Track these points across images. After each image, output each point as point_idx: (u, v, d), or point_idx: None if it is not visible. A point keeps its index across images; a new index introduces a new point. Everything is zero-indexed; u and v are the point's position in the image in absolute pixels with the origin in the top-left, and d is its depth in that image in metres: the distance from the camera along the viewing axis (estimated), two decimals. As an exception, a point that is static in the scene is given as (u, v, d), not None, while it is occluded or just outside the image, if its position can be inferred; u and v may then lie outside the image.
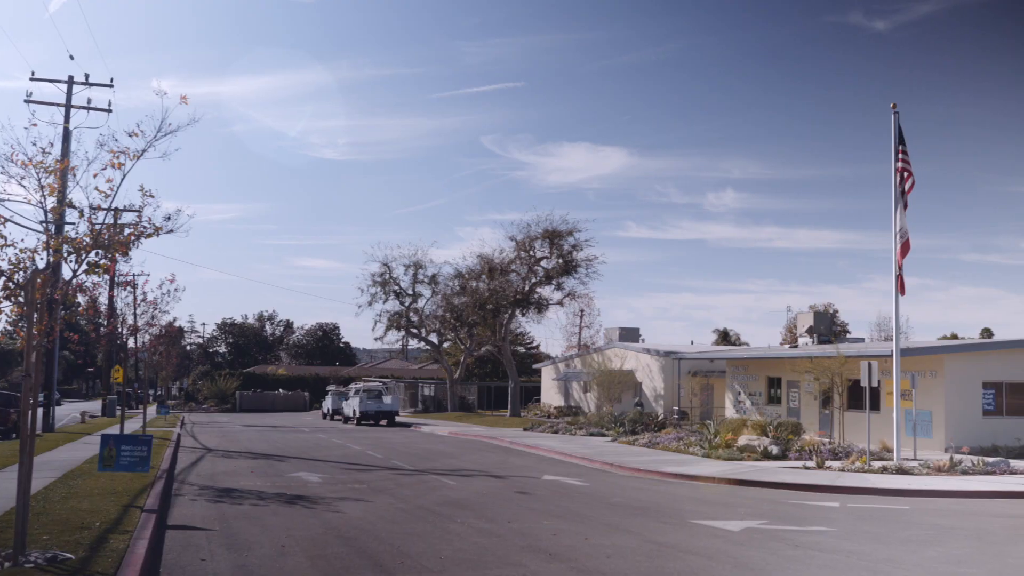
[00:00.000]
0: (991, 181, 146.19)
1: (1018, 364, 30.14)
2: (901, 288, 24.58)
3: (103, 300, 29.67)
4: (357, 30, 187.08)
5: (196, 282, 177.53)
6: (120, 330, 32.45)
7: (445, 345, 66.59)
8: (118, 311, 32.36)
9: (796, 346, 43.31)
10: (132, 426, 35.88)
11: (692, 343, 70.99)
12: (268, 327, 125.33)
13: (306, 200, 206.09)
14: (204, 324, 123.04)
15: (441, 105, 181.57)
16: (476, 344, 63.01)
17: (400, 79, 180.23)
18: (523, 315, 57.88)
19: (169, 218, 12.52)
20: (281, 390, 75.93)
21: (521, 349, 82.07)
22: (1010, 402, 29.89)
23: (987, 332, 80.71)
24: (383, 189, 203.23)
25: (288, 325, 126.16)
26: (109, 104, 34.34)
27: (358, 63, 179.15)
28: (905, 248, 24.31)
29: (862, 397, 26.37)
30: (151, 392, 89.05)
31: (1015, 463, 23.70)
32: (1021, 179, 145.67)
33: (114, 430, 27.96)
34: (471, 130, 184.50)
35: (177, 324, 70.45)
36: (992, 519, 15.39)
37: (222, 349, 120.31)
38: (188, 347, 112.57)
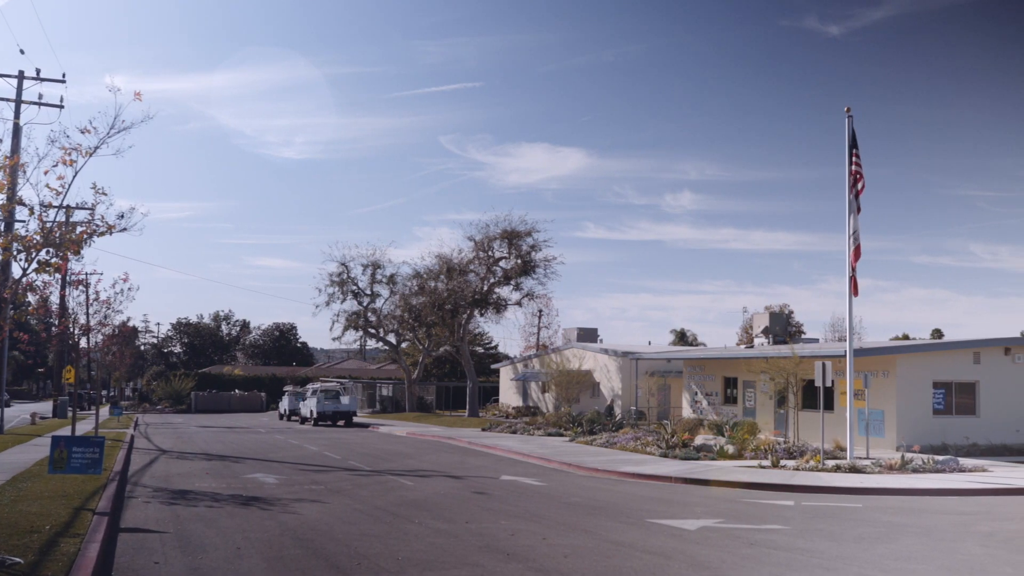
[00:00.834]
0: (942, 184, 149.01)
1: (967, 364, 30.73)
2: (854, 289, 24.94)
3: (54, 299, 29.14)
4: (314, 29, 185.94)
5: (151, 281, 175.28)
6: (72, 330, 31.94)
7: (403, 345, 66.33)
8: (70, 310, 31.85)
9: (752, 346, 43.76)
10: (84, 427, 35.31)
11: (650, 343, 71.46)
12: (224, 327, 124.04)
13: (263, 199, 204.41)
14: (159, 324, 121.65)
15: (399, 105, 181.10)
16: (434, 344, 62.87)
17: (358, 78, 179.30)
18: (481, 315, 57.86)
19: (123, 216, 12.38)
20: (237, 391, 75.13)
21: (479, 349, 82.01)
22: (959, 401, 30.47)
23: (937, 333, 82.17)
24: (341, 188, 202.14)
25: (245, 325, 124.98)
26: (61, 100, 33.65)
27: (315, 62, 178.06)
28: (858, 251, 24.68)
29: (816, 397, 26.73)
30: (104, 393, 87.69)
31: (964, 461, 24.15)
32: (971, 183, 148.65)
33: (65, 432, 27.46)
34: (429, 130, 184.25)
35: (131, 324, 69.33)
36: (942, 516, 15.67)
37: (177, 349, 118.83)
38: (142, 347, 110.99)
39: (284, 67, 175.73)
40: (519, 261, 54.46)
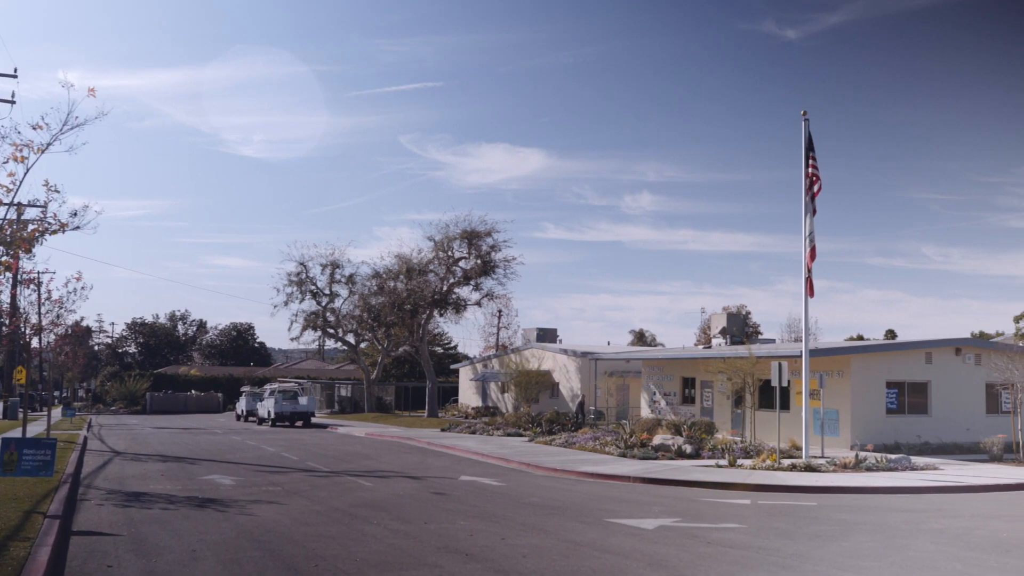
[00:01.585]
0: (896, 187, 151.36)
1: (919, 365, 31.24)
2: (810, 290, 25.25)
3: (5, 298, 28.66)
4: (272, 26, 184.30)
5: (105, 280, 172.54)
6: (23, 329, 31.36)
7: (362, 345, 65.97)
8: (21, 310, 31.28)
9: (710, 347, 44.12)
10: (35, 429, 34.69)
11: (609, 344, 71.77)
12: (180, 327, 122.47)
13: (220, 198, 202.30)
14: (113, 324, 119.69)
15: (359, 103, 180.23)
16: (394, 344, 62.65)
17: (317, 76, 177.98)
18: (441, 315, 57.76)
19: (76, 214, 12.20)
20: (194, 391, 74.24)
21: (439, 350, 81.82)
22: (912, 401, 30.98)
23: (891, 333, 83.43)
24: (300, 187, 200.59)
25: (201, 325, 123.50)
26: (12, 95, 32.83)
27: (273, 59, 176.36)
28: (813, 252, 24.98)
29: (773, 397, 27.01)
30: (56, 394, 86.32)
31: (916, 459, 24.55)
32: (923, 186, 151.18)
33: (16, 433, 26.96)
34: (389, 129, 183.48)
35: (84, 324, 68.41)
36: (894, 514, 15.92)
37: (132, 349, 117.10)
38: (96, 348, 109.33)
39: (242, 65, 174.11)
40: (479, 261, 54.44)
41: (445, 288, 55.51)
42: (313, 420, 49.74)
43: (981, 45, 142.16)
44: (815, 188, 25.03)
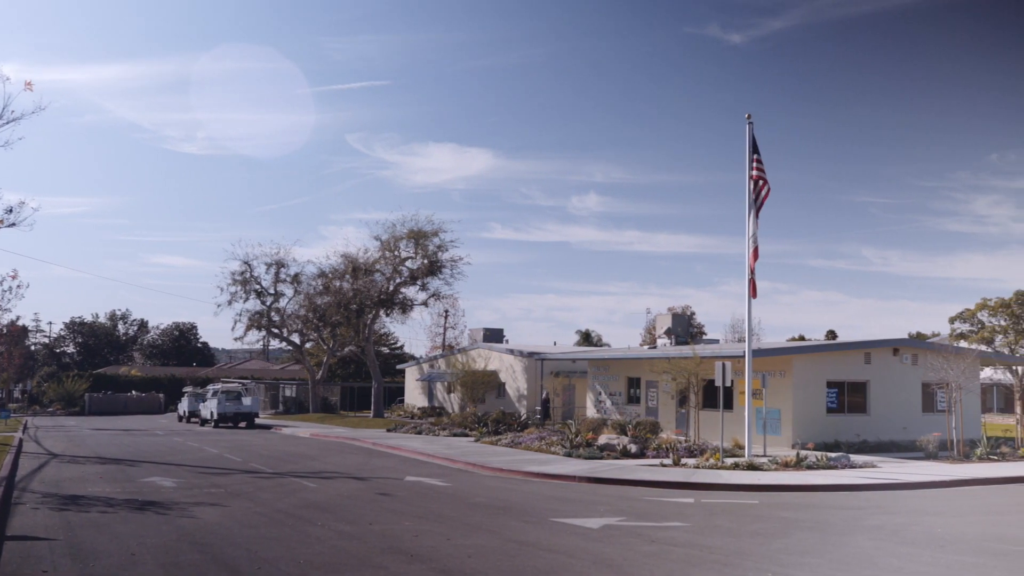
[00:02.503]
0: (837, 190, 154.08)
1: (858, 364, 31.83)
2: (753, 291, 25.60)
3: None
4: (216, 21, 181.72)
5: (42, 279, 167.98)
6: (-44, 329, 30.50)
7: (308, 345, 65.34)
8: (-46, 309, 30.41)
9: (655, 347, 44.49)
10: (-32, 431, 33.82)
11: (555, 344, 72.04)
12: (121, 326, 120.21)
13: (163, 195, 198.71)
14: (51, 323, 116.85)
15: (305, 101, 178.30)
16: (339, 344, 62.16)
17: (261, 73, 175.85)
18: (387, 315, 57.44)
19: (11, 211, 11.91)
20: (134, 392, 72.85)
21: (385, 350, 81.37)
22: (851, 400, 31.56)
23: (831, 334, 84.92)
24: (244, 185, 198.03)
25: (143, 324, 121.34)
26: (-55, 89, 32.14)
27: (217, 55, 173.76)
28: (756, 253, 25.33)
29: (717, 396, 27.36)
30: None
31: (855, 458, 25.01)
32: (863, 189, 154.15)
33: (-52, 435, 26.31)
34: (336, 128, 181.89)
35: (20, 323, 66.87)
36: (834, 511, 16.21)
37: (70, 349, 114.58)
38: (32, 347, 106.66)
39: (184, 60, 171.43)
40: (426, 261, 54.27)
41: (392, 288, 55.25)
42: (257, 421, 49.17)
43: (919, 54, 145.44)
44: (764, 191, 25.37)
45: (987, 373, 40.79)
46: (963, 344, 35.38)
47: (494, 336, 58.04)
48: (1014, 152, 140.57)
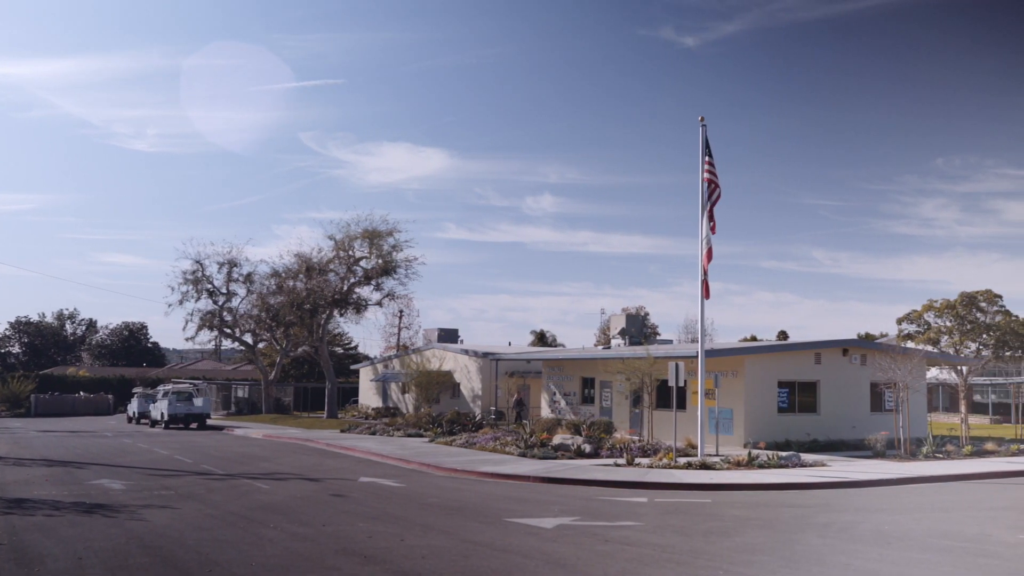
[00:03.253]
0: (788, 193, 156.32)
1: (809, 365, 32.29)
2: (706, 292, 25.85)
3: None
4: (166, 18, 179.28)
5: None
6: None
7: (260, 345, 64.71)
8: None
9: (609, 347, 44.72)
10: (-91, 433, 33.01)
11: (510, 344, 72.05)
12: (69, 326, 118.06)
13: (112, 193, 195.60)
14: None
15: (258, 99, 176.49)
16: (293, 345, 61.67)
17: (214, 70, 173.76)
18: (341, 315, 57.16)
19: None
20: (82, 393, 71.54)
21: (339, 350, 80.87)
22: (801, 400, 32.00)
23: (783, 335, 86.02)
24: (196, 184, 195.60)
25: (91, 324, 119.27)
26: None
27: (168, 51, 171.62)
28: (710, 254, 25.57)
29: (670, 396, 27.55)
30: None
31: (805, 456, 25.35)
32: (814, 191, 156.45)
33: None
34: (289, 126, 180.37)
35: (-37, 322, 65.19)
36: (784, 509, 16.43)
37: (15, 349, 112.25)
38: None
39: (136, 56, 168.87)
40: (380, 261, 54.08)
41: (345, 288, 54.96)
42: (209, 422, 48.58)
43: (868, 60, 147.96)
44: (715, 194, 25.62)
45: (933, 373, 41.56)
46: (910, 345, 36.01)
47: (449, 336, 57.95)
48: (959, 157, 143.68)
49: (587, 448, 26.75)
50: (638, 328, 47.54)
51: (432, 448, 30.06)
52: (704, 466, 23.18)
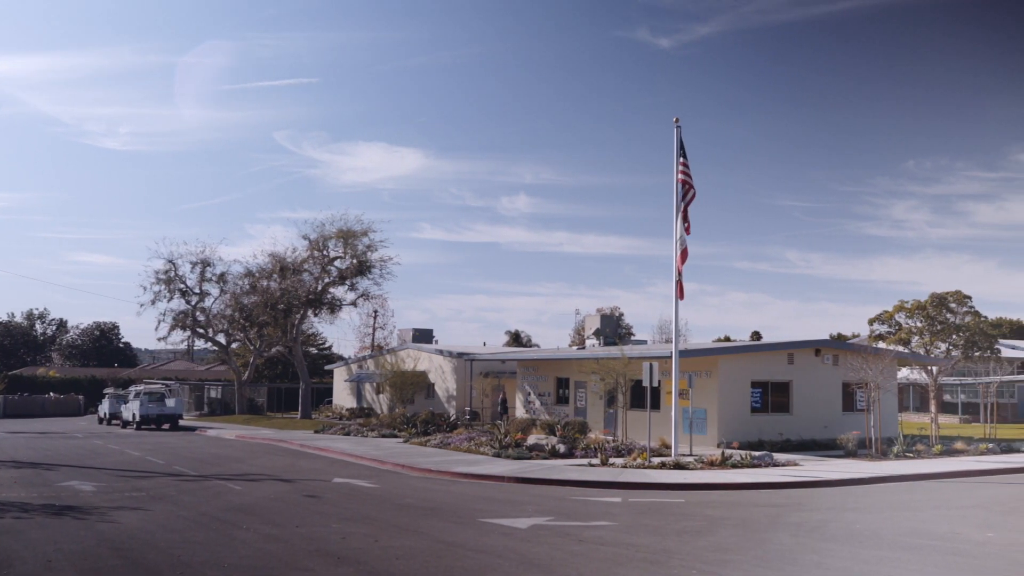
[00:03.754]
0: (762, 194, 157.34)
1: (782, 365, 32.50)
2: (680, 293, 25.96)
3: None
4: (139, 15, 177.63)
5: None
6: None
7: (234, 346, 64.31)
8: None
9: (583, 348, 44.84)
10: None
11: (485, 344, 72.11)
12: (39, 326, 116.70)
13: (84, 191, 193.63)
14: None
15: (231, 97, 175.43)
16: (266, 345, 61.35)
17: (188, 68, 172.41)
18: (315, 315, 56.94)
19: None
20: (52, 393, 70.82)
21: (313, 350, 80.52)
22: (774, 400, 32.20)
23: (756, 335, 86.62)
24: (169, 183, 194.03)
25: (62, 324, 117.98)
26: None
27: (141, 49, 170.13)
28: (684, 255, 25.69)
29: (644, 396, 27.64)
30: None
31: (778, 456, 25.53)
32: (787, 193, 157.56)
33: None
34: (263, 125, 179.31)
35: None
36: (757, 508, 16.53)
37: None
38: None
39: (107, 53, 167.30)
40: (354, 261, 53.93)
41: (320, 288, 54.75)
42: (181, 423, 48.24)
43: (841, 63, 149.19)
44: (689, 195, 25.73)
45: (904, 373, 42.01)
46: (881, 345, 36.37)
47: (423, 337, 57.87)
48: (930, 159, 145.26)
49: (561, 448, 26.79)
50: (613, 328, 47.71)
51: (406, 448, 30.00)
52: (678, 466, 23.27)
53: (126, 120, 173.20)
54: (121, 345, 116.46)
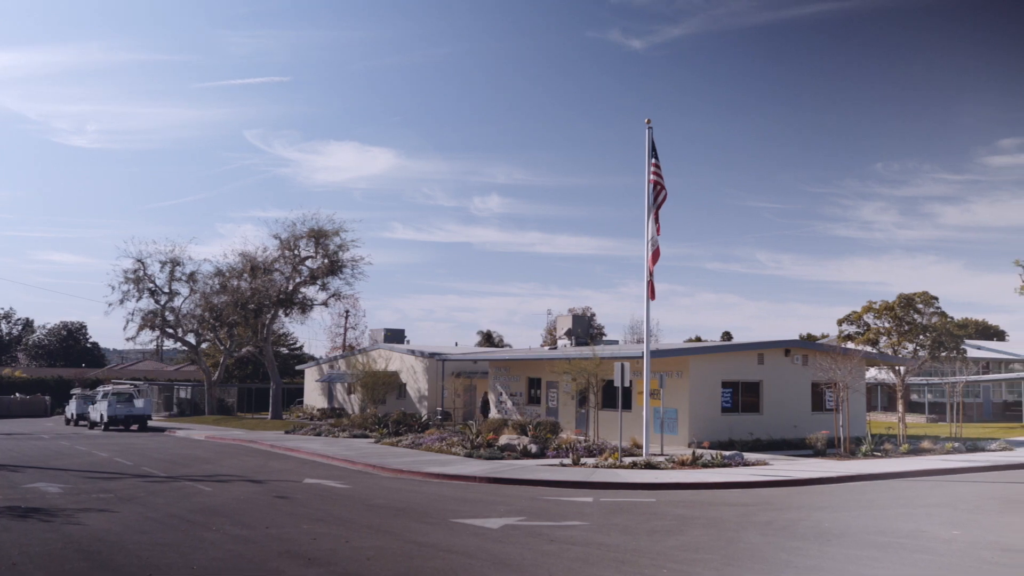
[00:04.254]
0: (733, 195, 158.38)
1: (752, 365, 32.72)
2: (651, 293, 26.07)
3: None
4: (110, 10, 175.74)
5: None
6: None
7: (204, 346, 63.83)
8: None
9: (555, 348, 44.87)
10: None
11: (456, 344, 71.99)
12: (4, 326, 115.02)
13: (51, 189, 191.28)
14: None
15: (202, 95, 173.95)
16: (237, 345, 60.94)
17: (157, 65, 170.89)
18: (286, 315, 56.61)
19: None
20: (18, 394, 69.87)
21: (284, 350, 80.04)
22: (745, 400, 32.42)
23: (727, 335, 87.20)
24: (138, 181, 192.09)
25: (28, 324, 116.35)
26: None
27: (110, 45, 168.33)
28: (656, 256, 25.80)
29: (616, 396, 27.74)
30: None
31: (748, 456, 25.70)
32: (758, 194, 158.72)
33: None
34: (234, 123, 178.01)
35: None
36: (727, 508, 16.63)
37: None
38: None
39: (76, 49, 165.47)
40: (326, 261, 53.72)
41: (291, 287, 54.46)
42: (150, 423, 47.83)
43: (810, 65, 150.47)
44: (660, 196, 25.85)
45: (872, 373, 42.38)
46: (850, 345, 36.67)
47: (395, 337, 57.73)
48: (898, 162, 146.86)
49: (533, 448, 26.82)
50: (584, 329, 47.79)
51: (378, 449, 29.91)
52: (649, 465, 23.37)
53: (94, 117, 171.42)
54: (89, 345, 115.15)
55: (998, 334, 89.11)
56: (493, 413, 40.64)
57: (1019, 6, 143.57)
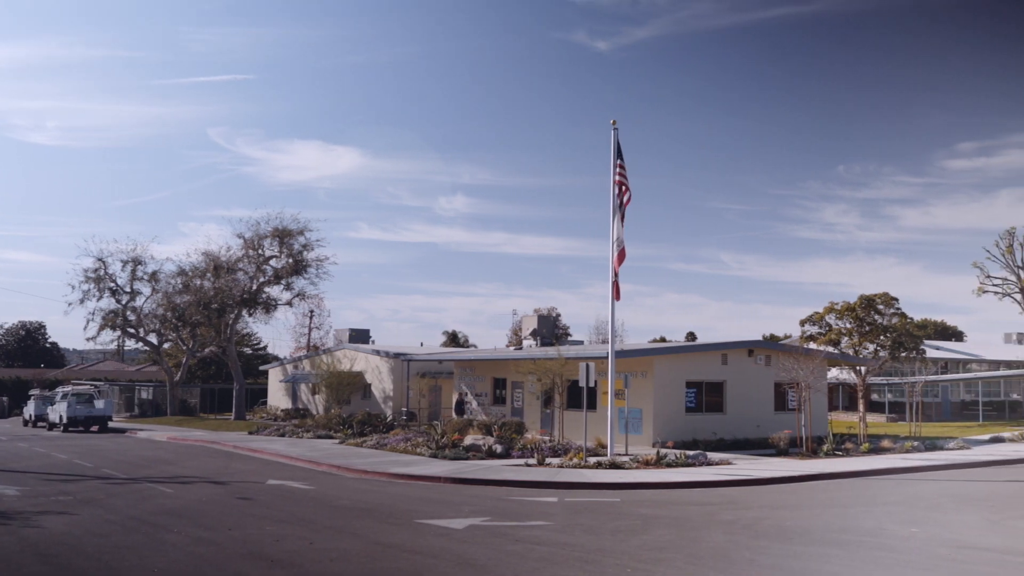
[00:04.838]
0: (696, 196, 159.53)
1: (716, 365, 32.96)
2: (616, 294, 26.18)
3: None
4: (70, 5, 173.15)
5: None
6: None
7: (166, 346, 63.13)
8: None
9: (521, 348, 44.91)
10: None
11: (422, 345, 71.82)
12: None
13: (9, 187, 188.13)
14: None
15: (164, 93, 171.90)
16: (199, 345, 60.35)
17: (117, 61, 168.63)
18: (250, 315, 56.14)
19: None
20: (-26, 395, 68.92)
21: (248, 350, 79.36)
22: (708, 400, 32.65)
23: (691, 336, 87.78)
24: (98, 179, 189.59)
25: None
26: None
27: (69, 41, 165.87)
28: (621, 256, 25.90)
29: (581, 397, 27.81)
30: None
31: (712, 455, 25.89)
32: (721, 195, 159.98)
33: None
34: (196, 121, 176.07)
35: None
36: (691, 507, 16.75)
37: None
38: None
39: (34, 45, 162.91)
40: (290, 260, 53.38)
41: (255, 287, 54.04)
42: (111, 424, 47.25)
43: (773, 68, 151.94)
44: (625, 196, 25.96)
45: (834, 373, 42.87)
46: (812, 346, 37.10)
47: (360, 337, 57.46)
48: (859, 164, 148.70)
49: (498, 448, 26.82)
50: (549, 329, 47.91)
51: (342, 449, 29.76)
52: (613, 465, 23.46)
53: (54, 114, 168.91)
54: (48, 345, 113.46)
55: (956, 335, 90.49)
56: (472, 410, 40.57)
57: (977, 13, 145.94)
